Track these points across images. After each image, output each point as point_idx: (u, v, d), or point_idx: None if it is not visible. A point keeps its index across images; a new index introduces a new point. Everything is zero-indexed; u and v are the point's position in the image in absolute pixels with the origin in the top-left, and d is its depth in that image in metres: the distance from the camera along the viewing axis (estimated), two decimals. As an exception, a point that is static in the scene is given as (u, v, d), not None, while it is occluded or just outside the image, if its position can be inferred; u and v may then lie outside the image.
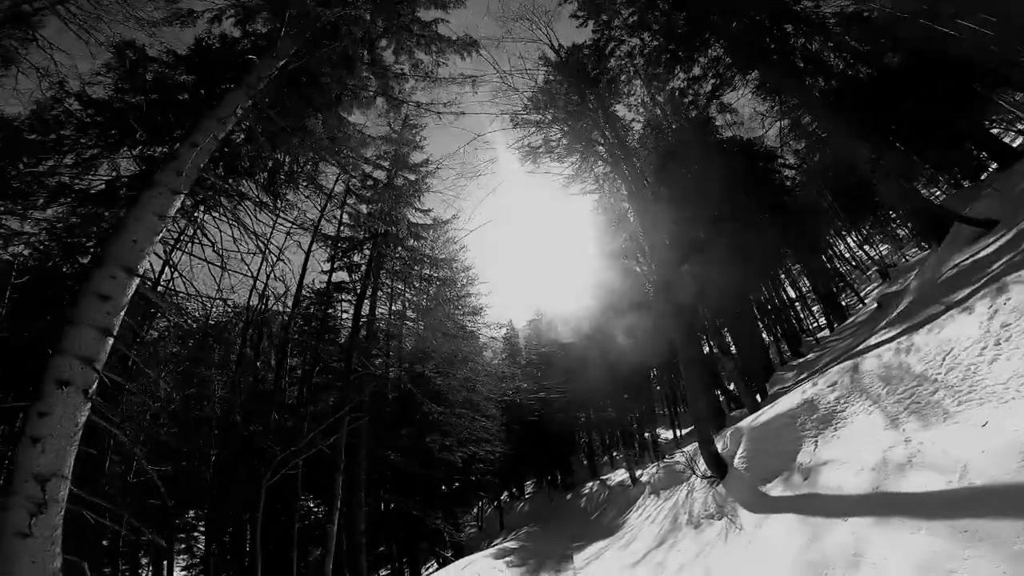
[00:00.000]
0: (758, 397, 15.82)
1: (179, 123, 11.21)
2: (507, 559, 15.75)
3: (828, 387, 7.91)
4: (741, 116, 20.70)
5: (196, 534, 21.12)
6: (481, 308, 25.85)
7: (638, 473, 22.43)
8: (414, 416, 21.73)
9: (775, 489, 7.36)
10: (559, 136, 22.67)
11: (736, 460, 8.96)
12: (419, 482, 22.47)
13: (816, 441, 7.29)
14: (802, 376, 14.66)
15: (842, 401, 7.38)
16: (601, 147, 22.71)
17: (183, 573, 21.51)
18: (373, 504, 21.54)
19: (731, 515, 7.95)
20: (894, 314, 10.99)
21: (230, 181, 14.40)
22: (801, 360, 18.64)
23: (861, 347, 9.76)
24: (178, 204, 6.24)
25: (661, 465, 21.01)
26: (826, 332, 27.16)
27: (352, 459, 19.64)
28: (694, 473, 10.18)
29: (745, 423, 9.50)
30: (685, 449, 17.30)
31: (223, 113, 6.83)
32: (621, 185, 24.19)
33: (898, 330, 8.66)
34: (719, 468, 9.23)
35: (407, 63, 11.97)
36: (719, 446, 10.05)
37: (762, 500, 7.44)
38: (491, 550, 17.36)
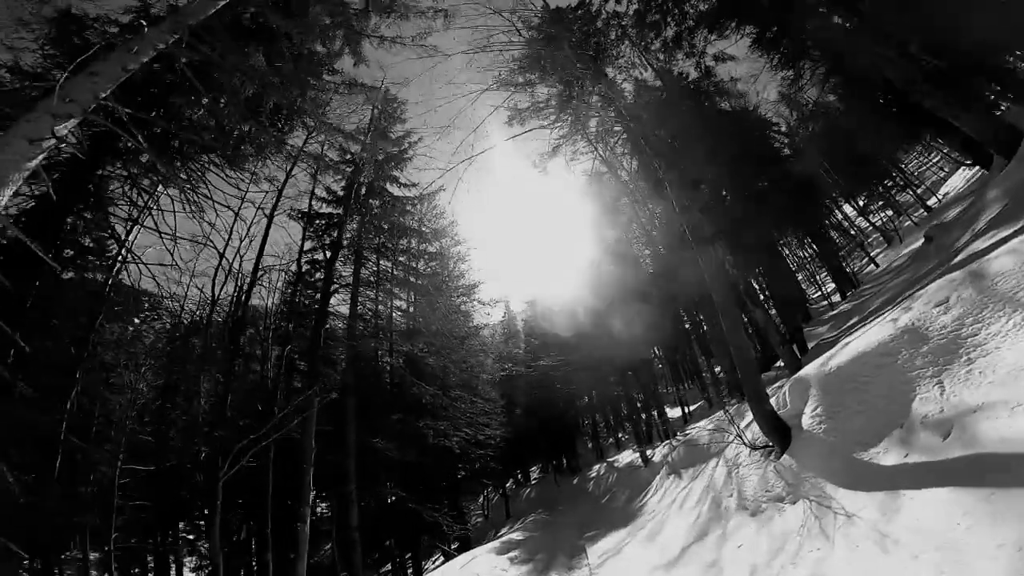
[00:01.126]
0: (795, 351, 13.17)
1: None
2: (511, 554, 13.20)
3: (936, 307, 5.35)
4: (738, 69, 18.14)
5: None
6: (475, 285, 23.26)
7: (649, 453, 19.88)
8: (405, 400, 19.17)
9: (887, 456, 4.78)
10: (547, 97, 20.10)
11: (806, 421, 6.38)
12: (416, 472, 19.92)
13: (941, 382, 4.72)
14: (850, 323, 12.04)
15: (969, 321, 4.82)
16: (597, 98, 20.20)
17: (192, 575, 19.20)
18: (372, 497, 18.99)
19: (815, 496, 5.37)
20: (984, 222, 8.29)
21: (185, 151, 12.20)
22: (834, 312, 15.99)
23: (961, 258, 7.10)
24: (64, 131, 5.16)
25: (678, 441, 18.45)
26: (837, 297, 24.61)
27: (340, 449, 17.19)
28: (743, 442, 7.57)
29: (810, 371, 6.91)
30: (716, 416, 14.67)
31: (136, 45, 5.87)
32: (619, 143, 21.78)
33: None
34: (779, 433, 6.66)
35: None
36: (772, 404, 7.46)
37: (868, 473, 4.86)
38: (495, 543, 14.82)
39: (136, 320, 16.23)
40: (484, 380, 26.15)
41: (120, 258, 13.57)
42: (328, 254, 14.86)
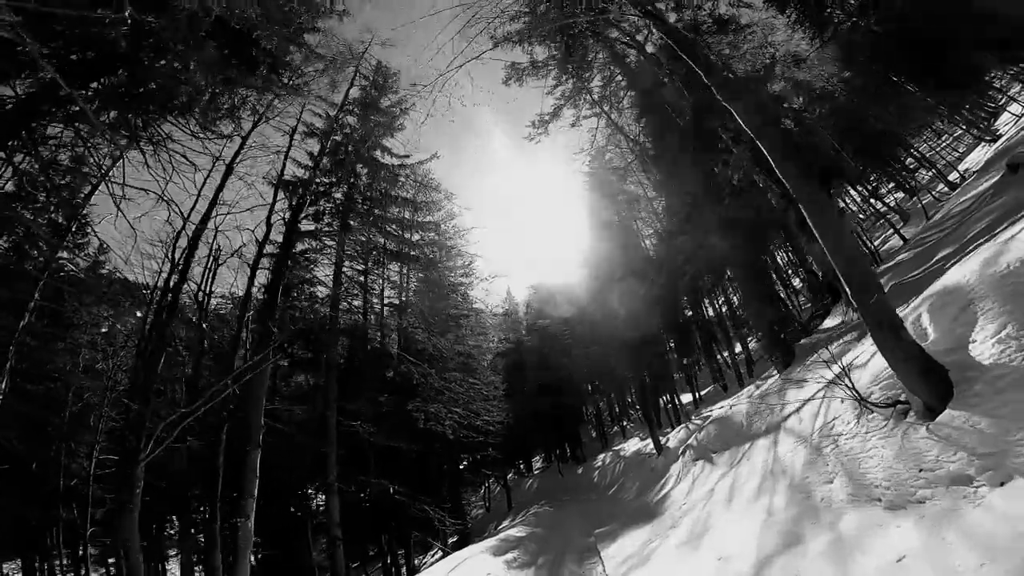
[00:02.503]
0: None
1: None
2: (509, 555, 10.33)
3: None
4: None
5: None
6: (472, 259, 20.44)
7: (663, 439, 16.99)
8: (394, 380, 16.37)
9: None
10: (547, 56, 17.37)
11: (986, 352, 3.55)
12: (408, 461, 17.08)
13: None
14: (940, 256, 9.02)
15: None
16: (602, 55, 17.42)
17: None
18: (359, 490, 16.14)
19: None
20: None
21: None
22: (888, 264, 12.95)
23: None
24: None
25: (698, 422, 15.53)
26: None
27: (321, 435, 14.44)
28: (859, 399, 4.60)
29: (969, 278, 4.05)
30: (745, 392, 11.63)
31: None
32: (625, 99, 18.96)
33: None
34: (931, 379, 3.80)
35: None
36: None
37: None
38: (491, 541, 11.94)
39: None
40: (484, 364, 23.32)
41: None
42: (294, 202, 12.05)
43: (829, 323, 11.32)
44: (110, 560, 16.45)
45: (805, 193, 4.55)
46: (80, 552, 14.92)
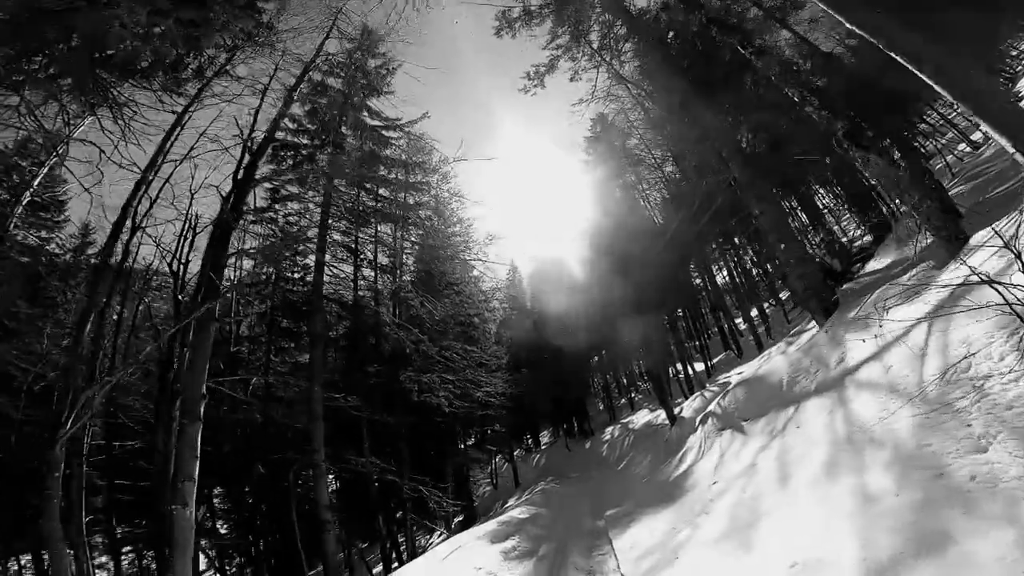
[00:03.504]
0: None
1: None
2: (507, 543, 8.56)
3: None
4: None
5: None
6: (470, 223, 18.51)
7: (676, 409, 15.12)
8: (386, 350, 14.60)
9: None
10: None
11: None
12: (404, 438, 15.36)
13: None
14: None
15: None
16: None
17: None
18: (349, 470, 14.46)
19: None
20: None
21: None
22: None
23: None
24: None
25: (714, 388, 13.66)
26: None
27: (306, 409, 12.80)
28: None
29: None
30: (772, 350, 9.59)
31: None
32: (625, 53, 16.82)
33: None
34: None
35: None
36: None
37: None
38: (490, 525, 10.17)
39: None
40: (487, 335, 21.55)
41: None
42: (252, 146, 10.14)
43: (875, 266, 9.34)
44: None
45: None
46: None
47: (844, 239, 11.18)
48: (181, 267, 9.78)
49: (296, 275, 16.96)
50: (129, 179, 8.61)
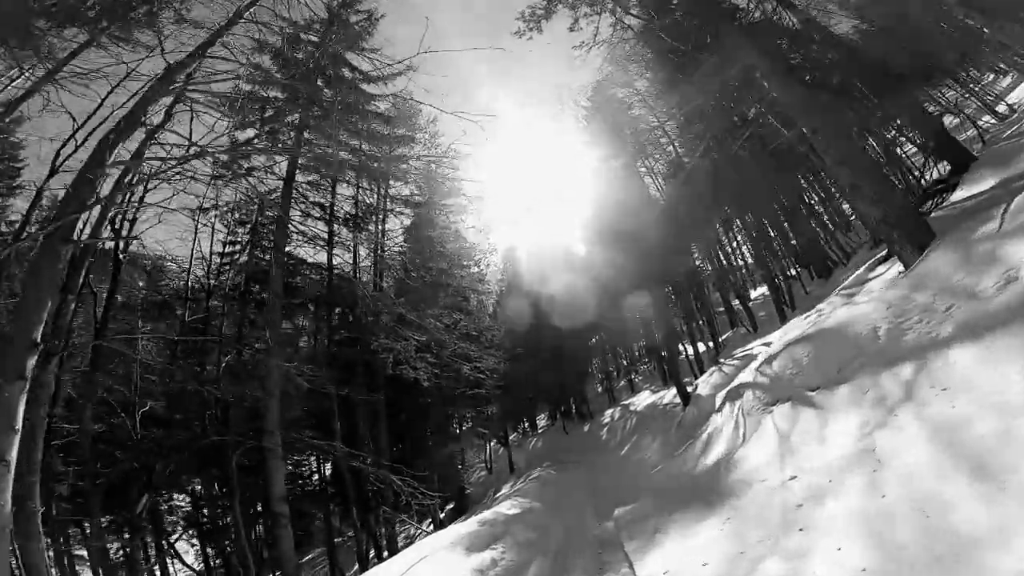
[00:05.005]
0: None
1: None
2: (486, 555, 6.00)
3: None
4: None
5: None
6: (459, 183, 15.83)
7: (690, 387, 12.56)
8: (351, 312, 12.03)
9: None
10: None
11: None
12: (389, 421, 12.85)
13: None
14: None
15: None
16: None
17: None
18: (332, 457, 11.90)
19: None
20: None
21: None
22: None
23: None
24: None
25: (740, 360, 11.10)
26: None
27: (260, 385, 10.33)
28: None
29: None
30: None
31: None
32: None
33: None
34: None
35: None
36: None
37: None
38: (469, 525, 7.59)
39: None
40: (482, 309, 19.00)
41: None
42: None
43: (964, 194, 6.72)
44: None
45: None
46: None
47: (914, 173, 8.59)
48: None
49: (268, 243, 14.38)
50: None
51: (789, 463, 4.53)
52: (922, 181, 8.16)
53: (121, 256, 11.47)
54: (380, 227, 13.71)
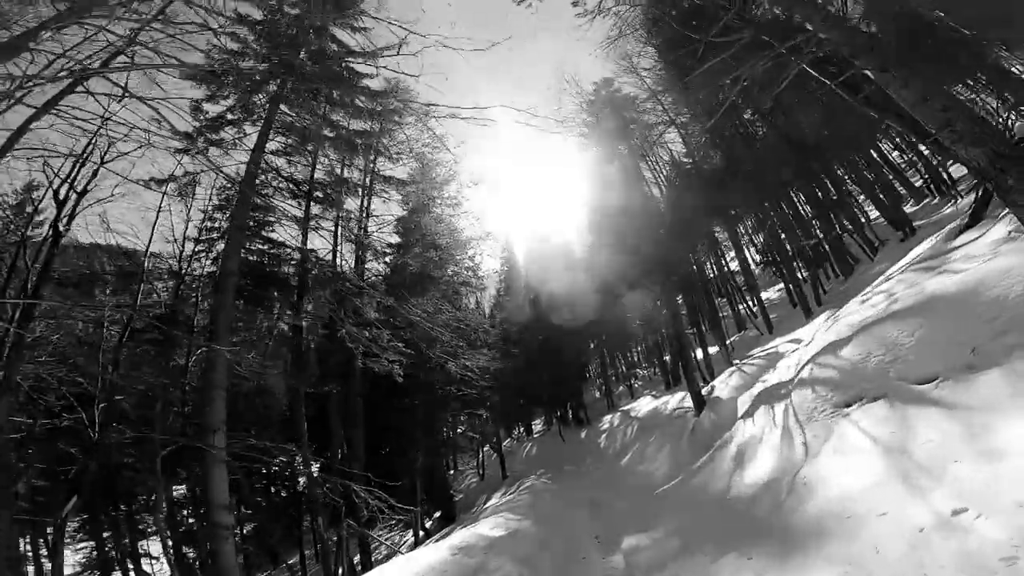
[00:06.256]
0: None
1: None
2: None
3: None
4: None
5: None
6: (455, 168, 14.05)
7: (705, 388, 10.64)
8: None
9: None
10: None
11: None
12: (353, 421, 10.94)
13: None
14: None
15: None
16: None
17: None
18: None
19: None
20: None
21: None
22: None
23: None
24: None
25: (764, 358, 9.19)
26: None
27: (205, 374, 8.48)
28: None
29: None
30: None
31: None
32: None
33: None
34: None
35: None
36: None
37: None
38: (439, 552, 5.67)
39: None
40: (479, 306, 17.14)
41: None
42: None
43: None
44: None
45: None
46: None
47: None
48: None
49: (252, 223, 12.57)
50: None
51: (929, 489, 2.65)
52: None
53: (62, 228, 9.65)
54: (364, 204, 11.91)
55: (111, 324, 12.04)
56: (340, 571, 9.33)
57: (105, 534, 12.49)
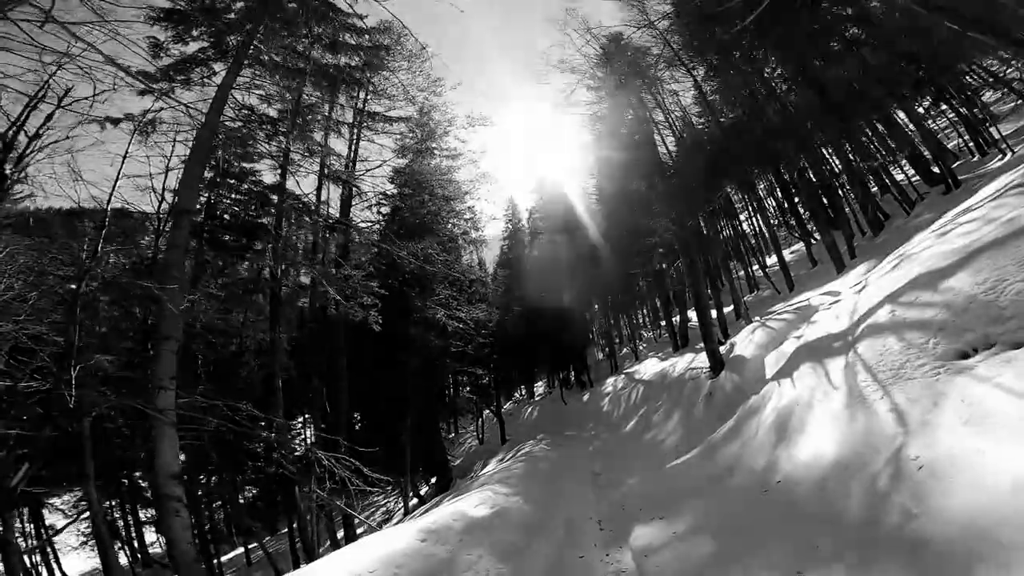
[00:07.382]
0: None
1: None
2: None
3: None
4: None
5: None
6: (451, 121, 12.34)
7: (724, 347, 9.22)
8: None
9: None
10: None
11: None
12: (338, 377, 9.69)
13: None
14: None
15: None
16: None
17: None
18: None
19: None
20: None
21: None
22: None
23: None
24: None
25: (795, 311, 7.74)
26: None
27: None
28: None
29: None
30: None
31: None
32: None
33: None
34: None
35: None
36: None
37: None
38: (403, 542, 4.36)
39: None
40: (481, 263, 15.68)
41: None
42: None
43: None
44: None
45: None
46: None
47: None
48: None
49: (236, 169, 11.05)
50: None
51: None
52: None
53: (8, 171, 8.24)
54: (353, 144, 10.31)
55: (90, 280, 10.77)
56: (318, 545, 8.25)
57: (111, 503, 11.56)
